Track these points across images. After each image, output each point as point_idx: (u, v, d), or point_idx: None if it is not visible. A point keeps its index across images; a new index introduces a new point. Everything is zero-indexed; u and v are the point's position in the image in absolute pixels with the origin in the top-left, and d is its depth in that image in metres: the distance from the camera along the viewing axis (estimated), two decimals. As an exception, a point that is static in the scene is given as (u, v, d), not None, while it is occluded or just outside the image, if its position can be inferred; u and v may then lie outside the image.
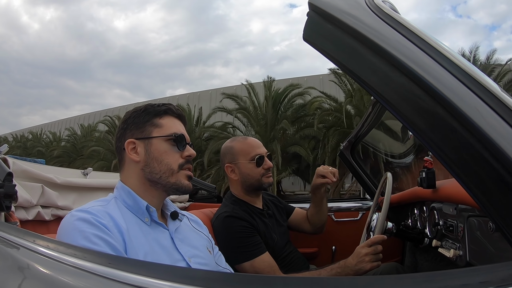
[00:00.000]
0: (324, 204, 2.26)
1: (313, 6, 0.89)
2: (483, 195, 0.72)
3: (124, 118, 1.32)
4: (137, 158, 1.25)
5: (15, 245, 0.85)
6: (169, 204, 1.35)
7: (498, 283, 0.60)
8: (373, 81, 0.83)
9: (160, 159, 1.24)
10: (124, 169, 1.29)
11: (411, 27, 0.82)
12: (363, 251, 1.65)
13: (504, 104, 0.71)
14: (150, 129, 1.27)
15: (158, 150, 1.25)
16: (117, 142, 1.30)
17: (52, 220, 1.70)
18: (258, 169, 2.03)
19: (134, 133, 1.27)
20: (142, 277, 0.65)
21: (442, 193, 1.73)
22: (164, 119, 1.30)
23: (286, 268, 1.94)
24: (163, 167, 1.24)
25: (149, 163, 1.24)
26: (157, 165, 1.24)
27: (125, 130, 1.29)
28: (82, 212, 1.08)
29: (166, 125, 1.29)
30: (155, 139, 1.26)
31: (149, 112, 1.29)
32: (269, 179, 2.07)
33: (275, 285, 0.67)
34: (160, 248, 1.17)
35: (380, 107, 2.34)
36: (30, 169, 1.61)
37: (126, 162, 1.28)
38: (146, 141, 1.25)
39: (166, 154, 1.25)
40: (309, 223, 2.31)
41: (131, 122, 1.28)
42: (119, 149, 1.30)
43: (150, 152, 1.25)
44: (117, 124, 1.55)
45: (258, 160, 2.03)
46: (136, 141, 1.26)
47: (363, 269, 1.62)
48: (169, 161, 1.25)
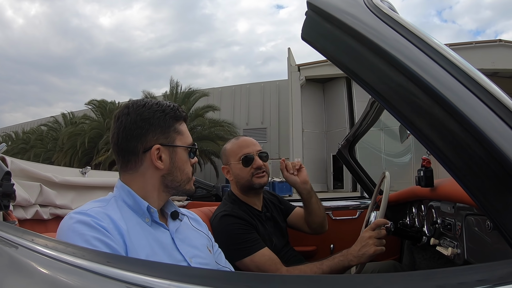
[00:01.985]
0: (313, 204, 2.16)
1: (312, 5, 0.89)
2: (480, 193, 0.72)
3: (141, 115, 1.21)
4: (161, 166, 1.20)
5: (14, 244, 0.85)
6: (169, 204, 1.33)
7: (495, 281, 0.60)
8: (371, 80, 0.83)
9: (182, 168, 1.25)
10: (137, 172, 1.21)
11: (410, 27, 0.82)
12: (367, 235, 1.64)
13: (502, 104, 0.72)
14: (174, 136, 1.24)
15: (181, 159, 1.24)
16: (131, 140, 1.20)
17: (51, 219, 1.70)
18: (247, 169, 2.01)
19: (159, 138, 1.21)
20: (141, 276, 0.65)
21: (440, 192, 1.73)
22: (182, 125, 1.28)
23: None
24: (184, 176, 1.25)
25: (173, 172, 1.23)
26: (179, 174, 1.24)
27: (146, 131, 1.20)
28: (81, 215, 1.05)
29: (185, 132, 1.28)
30: (179, 148, 1.24)
31: (171, 116, 1.24)
32: (260, 179, 2.02)
33: (273, 283, 0.67)
34: (161, 249, 1.16)
35: (378, 106, 2.34)
36: (28, 168, 1.61)
37: (144, 166, 1.21)
38: (171, 149, 1.23)
39: (186, 164, 1.26)
40: (306, 224, 2.27)
41: (156, 124, 1.21)
42: (133, 149, 1.20)
43: (175, 161, 1.23)
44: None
45: (244, 160, 2.01)
46: (161, 147, 1.21)
47: (367, 253, 1.60)
48: (188, 171, 1.26)
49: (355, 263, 1.64)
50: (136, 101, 1.26)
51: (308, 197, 2.14)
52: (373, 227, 1.66)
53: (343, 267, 1.66)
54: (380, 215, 1.75)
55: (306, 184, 2.11)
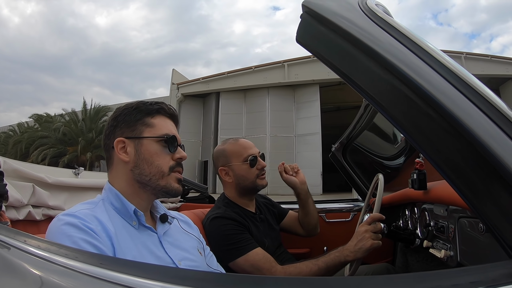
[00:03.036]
0: (310, 205, 2.23)
1: (307, 8, 0.90)
2: (473, 196, 0.73)
3: (114, 115, 1.28)
4: (126, 158, 1.20)
5: (6, 245, 0.84)
6: (159, 206, 1.32)
7: (488, 283, 0.60)
8: (365, 83, 0.84)
9: (151, 160, 1.21)
10: (113, 169, 1.25)
11: (404, 31, 0.83)
12: (363, 229, 1.64)
13: (495, 107, 0.72)
14: (141, 129, 1.23)
15: (148, 151, 1.21)
16: (106, 139, 1.26)
17: (43, 220, 1.68)
18: (252, 170, 2.01)
19: (124, 132, 1.23)
20: (133, 278, 0.65)
21: (433, 195, 1.74)
22: (156, 119, 1.26)
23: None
24: (153, 169, 1.21)
25: (139, 164, 1.20)
26: (147, 166, 1.20)
27: (114, 128, 1.24)
28: (69, 217, 1.05)
29: (158, 125, 1.25)
30: (146, 140, 1.22)
31: (140, 110, 1.25)
32: (263, 181, 2.05)
33: (265, 285, 0.68)
34: (148, 252, 1.15)
35: (372, 109, 2.35)
36: (21, 169, 1.59)
37: (114, 161, 1.24)
38: (136, 141, 1.21)
39: (157, 156, 1.22)
40: (301, 226, 2.28)
41: (122, 120, 1.24)
42: (107, 147, 1.25)
43: (141, 153, 1.21)
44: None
45: (252, 160, 2.01)
46: (126, 140, 1.21)
47: (364, 247, 1.59)
48: (159, 163, 1.21)
49: (352, 258, 1.62)
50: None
51: (306, 197, 2.19)
52: (369, 221, 1.66)
53: (339, 262, 1.64)
54: (378, 197, 1.75)
55: (304, 185, 2.18)
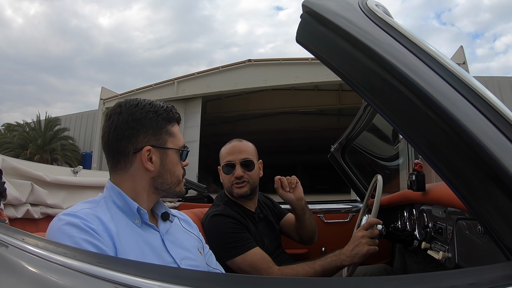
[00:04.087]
0: (306, 220, 2.15)
1: (307, 8, 0.89)
2: (472, 198, 0.73)
3: (133, 115, 1.19)
4: (151, 168, 1.18)
5: (4, 243, 0.84)
6: (160, 205, 1.31)
7: (486, 285, 0.60)
8: (364, 83, 0.84)
9: (173, 171, 1.23)
10: (127, 173, 1.20)
11: (404, 31, 0.83)
12: (360, 234, 1.63)
13: (493, 108, 0.72)
14: (166, 138, 1.22)
15: (172, 162, 1.23)
16: (122, 141, 1.18)
17: (42, 218, 1.68)
18: (228, 177, 2.00)
19: (150, 140, 1.19)
20: (132, 277, 0.64)
21: (432, 196, 1.74)
22: (175, 128, 1.26)
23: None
24: (174, 179, 1.23)
25: (163, 175, 1.21)
26: (170, 177, 1.22)
27: (138, 132, 1.18)
28: (70, 216, 1.04)
29: (178, 135, 1.26)
30: (171, 150, 1.23)
31: (163, 117, 1.22)
32: (239, 190, 1.99)
33: (264, 285, 0.67)
34: (150, 250, 1.15)
35: (371, 110, 2.35)
36: (19, 167, 1.59)
37: (134, 167, 1.19)
38: (162, 151, 1.21)
39: (177, 166, 1.24)
40: (296, 234, 2.25)
41: (148, 125, 1.19)
42: (123, 150, 1.18)
43: (165, 163, 1.21)
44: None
45: (224, 168, 2.01)
46: (152, 148, 1.19)
47: (360, 252, 1.59)
48: (178, 173, 1.25)
49: (348, 263, 1.63)
50: (128, 100, 1.23)
51: (302, 213, 2.12)
52: (366, 227, 1.65)
53: (335, 266, 1.65)
54: (372, 216, 1.75)
55: (301, 201, 2.08)
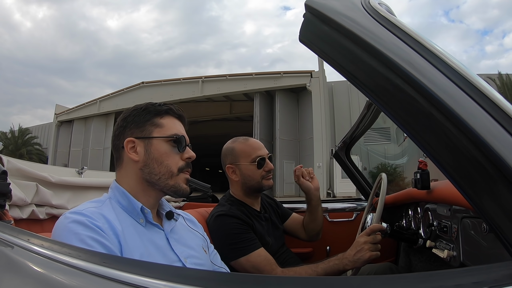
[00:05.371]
0: (319, 212, 2.23)
1: (310, 8, 0.89)
2: (476, 196, 0.73)
3: (123, 116, 1.29)
4: (136, 158, 1.22)
5: (9, 244, 0.85)
6: (165, 204, 1.33)
7: (491, 283, 0.60)
8: (368, 82, 0.84)
9: (160, 160, 1.23)
10: (122, 168, 1.27)
11: (407, 30, 0.83)
12: (362, 240, 1.63)
13: (498, 107, 0.72)
14: (151, 129, 1.25)
15: (158, 150, 1.23)
16: (115, 140, 1.28)
17: (47, 219, 1.69)
18: (259, 171, 2.01)
19: (134, 132, 1.25)
20: (137, 276, 0.65)
21: (436, 194, 1.74)
22: (165, 119, 1.28)
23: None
24: (162, 169, 1.23)
25: (149, 164, 1.22)
26: (157, 166, 1.22)
27: (124, 128, 1.26)
28: (76, 215, 1.06)
29: (167, 125, 1.27)
30: (156, 139, 1.24)
31: (149, 111, 1.27)
32: (269, 182, 2.05)
33: (269, 285, 0.67)
34: (155, 249, 1.16)
35: (375, 109, 2.35)
36: (24, 168, 1.60)
37: (124, 161, 1.26)
38: (146, 141, 1.23)
39: (167, 156, 1.24)
40: (304, 231, 2.28)
41: (131, 121, 1.26)
42: (117, 148, 1.27)
43: (150, 153, 1.23)
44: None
45: (259, 162, 2.01)
46: (136, 140, 1.23)
47: (362, 258, 1.60)
48: (169, 163, 1.24)
49: (350, 267, 1.63)
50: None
51: (317, 204, 2.20)
52: (368, 232, 1.65)
53: (338, 270, 1.65)
54: (376, 219, 1.74)
55: (317, 191, 2.20)
